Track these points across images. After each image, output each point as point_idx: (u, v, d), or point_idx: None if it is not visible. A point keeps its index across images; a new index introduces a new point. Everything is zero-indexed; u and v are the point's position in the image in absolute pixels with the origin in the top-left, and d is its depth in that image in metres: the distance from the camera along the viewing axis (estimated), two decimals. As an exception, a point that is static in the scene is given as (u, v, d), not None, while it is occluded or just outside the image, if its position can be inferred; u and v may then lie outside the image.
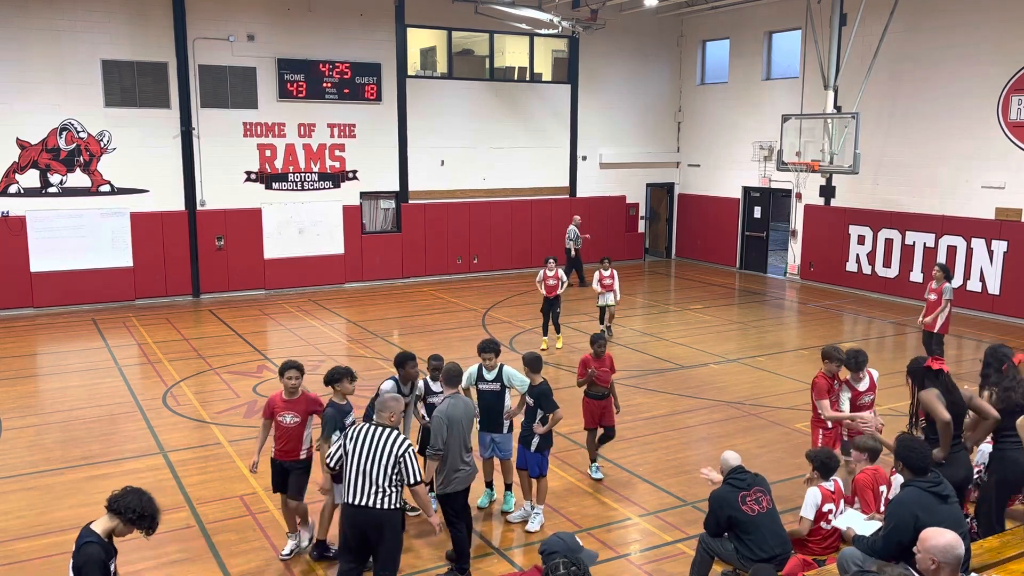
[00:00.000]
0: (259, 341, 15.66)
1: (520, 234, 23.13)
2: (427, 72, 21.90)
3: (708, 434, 10.87)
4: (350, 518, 6.17)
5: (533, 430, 8.01)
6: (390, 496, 6.07)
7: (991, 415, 6.73)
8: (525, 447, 8.09)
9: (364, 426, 6.28)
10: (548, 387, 8.09)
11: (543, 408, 8.00)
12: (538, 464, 8.05)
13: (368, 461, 6.06)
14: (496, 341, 8.24)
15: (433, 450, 7.02)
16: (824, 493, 6.53)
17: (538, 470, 8.06)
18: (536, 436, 7.99)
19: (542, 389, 8.02)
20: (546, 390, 8.03)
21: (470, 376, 8.06)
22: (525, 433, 8.08)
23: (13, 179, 17.35)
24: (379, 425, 6.22)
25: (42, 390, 12.82)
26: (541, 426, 7.99)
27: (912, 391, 6.95)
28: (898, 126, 19.23)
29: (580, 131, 23.77)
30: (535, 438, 8.00)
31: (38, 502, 8.67)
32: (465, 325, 16.68)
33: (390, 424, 6.23)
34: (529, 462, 8.07)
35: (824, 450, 6.87)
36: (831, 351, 8.16)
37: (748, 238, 23.57)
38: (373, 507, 6.05)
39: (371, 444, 6.11)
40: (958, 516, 5.44)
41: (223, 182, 19.25)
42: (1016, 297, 17.25)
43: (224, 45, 18.82)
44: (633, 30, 23.96)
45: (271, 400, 7.62)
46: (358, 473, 6.08)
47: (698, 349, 15.03)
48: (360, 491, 6.07)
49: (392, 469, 6.05)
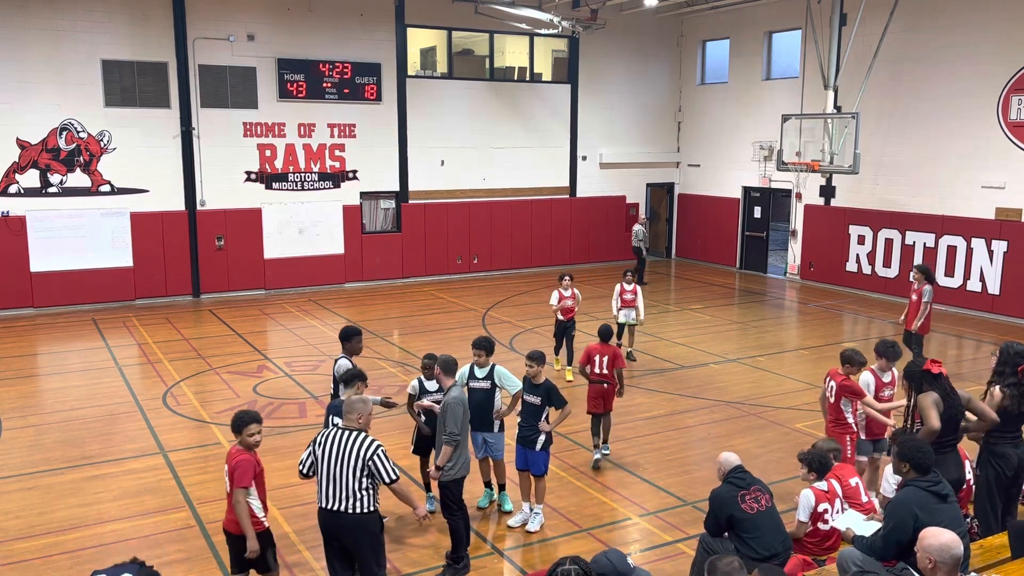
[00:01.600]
0: (259, 341, 15.66)
1: (520, 234, 23.13)
2: (427, 72, 21.91)
3: (708, 434, 10.87)
4: (323, 524, 6.15)
5: (539, 428, 7.97)
6: (362, 500, 6.01)
7: (990, 418, 6.74)
8: (528, 447, 8.01)
9: (332, 430, 6.19)
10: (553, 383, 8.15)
11: (554, 404, 7.99)
12: (545, 463, 8.03)
13: (337, 466, 6.00)
14: (489, 339, 8.13)
15: (451, 436, 7.09)
16: (818, 494, 6.53)
17: (544, 468, 8.03)
18: (542, 434, 7.96)
19: (549, 385, 8.00)
20: (553, 386, 8.05)
21: (462, 375, 7.94)
22: (527, 433, 8.01)
23: (13, 179, 17.35)
24: (347, 429, 6.14)
25: (42, 390, 12.83)
26: (547, 423, 7.99)
27: (909, 393, 6.96)
28: (898, 126, 19.23)
29: (580, 131, 23.77)
30: (541, 436, 7.96)
31: (38, 502, 8.67)
32: (465, 325, 16.67)
33: (357, 427, 6.15)
34: (535, 461, 8.01)
35: (818, 451, 6.84)
36: (853, 355, 8.10)
37: (748, 238, 23.57)
38: (345, 512, 6.00)
39: (339, 448, 6.03)
40: (957, 515, 5.45)
41: (223, 182, 19.25)
42: (1016, 297, 17.25)
43: (224, 45, 18.82)
44: (633, 30, 23.97)
45: (251, 460, 6.14)
46: (328, 479, 6.04)
47: (698, 349, 15.03)
48: (331, 496, 6.03)
49: (362, 472, 5.99)
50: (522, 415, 8.11)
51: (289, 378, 13.13)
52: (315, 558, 7.46)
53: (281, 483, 9.06)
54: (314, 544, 7.49)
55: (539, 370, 8.01)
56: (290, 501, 8.64)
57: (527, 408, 8.05)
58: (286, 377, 13.20)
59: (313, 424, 10.91)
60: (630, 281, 13.51)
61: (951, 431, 6.65)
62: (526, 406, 8.06)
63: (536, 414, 8.00)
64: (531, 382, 8.04)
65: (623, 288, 13.48)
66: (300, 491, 8.75)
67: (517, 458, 8.17)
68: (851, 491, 6.76)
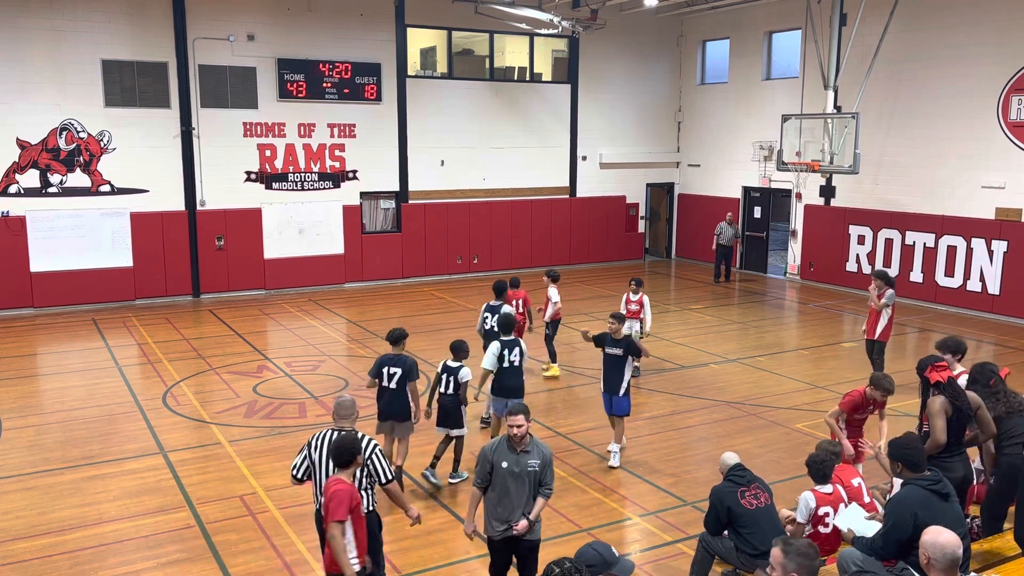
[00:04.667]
0: (259, 341, 15.66)
1: (520, 234, 23.13)
2: (427, 72, 21.91)
3: (708, 434, 10.87)
4: (320, 525, 6.12)
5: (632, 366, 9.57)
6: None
7: (990, 431, 6.84)
8: (613, 393, 9.51)
9: (326, 431, 6.19)
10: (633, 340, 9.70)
11: (632, 354, 9.53)
12: (628, 405, 9.63)
13: (332, 467, 5.97)
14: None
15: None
16: (819, 496, 6.50)
17: (627, 410, 9.62)
18: (625, 380, 9.47)
19: (628, 340, 9.54)
20: (632, 340, 9.62)
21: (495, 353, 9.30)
22: (615, 382, 9.46)
23: (13, 179, 17.35)
24: (341, 430, 6.14)
25: (42, 390, 12.82)
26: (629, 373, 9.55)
27: (921, 390, 7.01)
28: (898, 126, 19.23)
29: (580, 131, 23.77)
30: (624, 383, 9.46)
31: (38, 502, 8.67)
32: (465, 325, 16.64)
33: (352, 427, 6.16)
34: (619, 404, 9.53)
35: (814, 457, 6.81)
36: (882, 380, 7.88)
37: (748, 238, 23.57)
38: None
39: None
40: (958, 515, 5.45)
41: (223, 182, 19.25)
42: (1016, 297, 17.25)
43: (224, 45, 18.83)
44: (633, 30, 23.97)
45: (348, 490, 5.55)
46: (326, 480, 6.01)
47: (698, 349, 15.03)
48: None
49: (360, 472, 5.99)
50: (606, 366, 9.54)
51: (289, 378, 13.13)
52: (315, 559, 7.45)
53: (281, 483, 9.06)
54: (313, 545, 7.49)
55: (619, 327, 9.43)
56: (290, 501, 8.64)
57: (611, 359, 9.49)
58: (286, 377, 13.20)
59: (313, 424, 10.91)
60: (636, 291, 12.86)
61: (958, 439, 6.69)
62: (609, 358, 9.49)
63: (619, 364, 9.45)
64: (612, 338, 9.44)
65: (628, 298, 12.91)
66: (300, 491, 8.74)
67: (605, 404, 9.74)
68: (853, 492, 6.75)
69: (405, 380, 8.53)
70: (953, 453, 6.65)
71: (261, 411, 11.54)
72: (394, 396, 8.59)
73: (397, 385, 8.55)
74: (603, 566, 4.37)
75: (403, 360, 8.61)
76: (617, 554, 4.50)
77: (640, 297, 12.82)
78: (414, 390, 8.56)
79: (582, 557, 4.43)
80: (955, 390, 6.69)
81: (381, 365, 8.63)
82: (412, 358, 8.72)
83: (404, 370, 8.54)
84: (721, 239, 21.94)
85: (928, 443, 6.54)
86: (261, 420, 11.20)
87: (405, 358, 8.64)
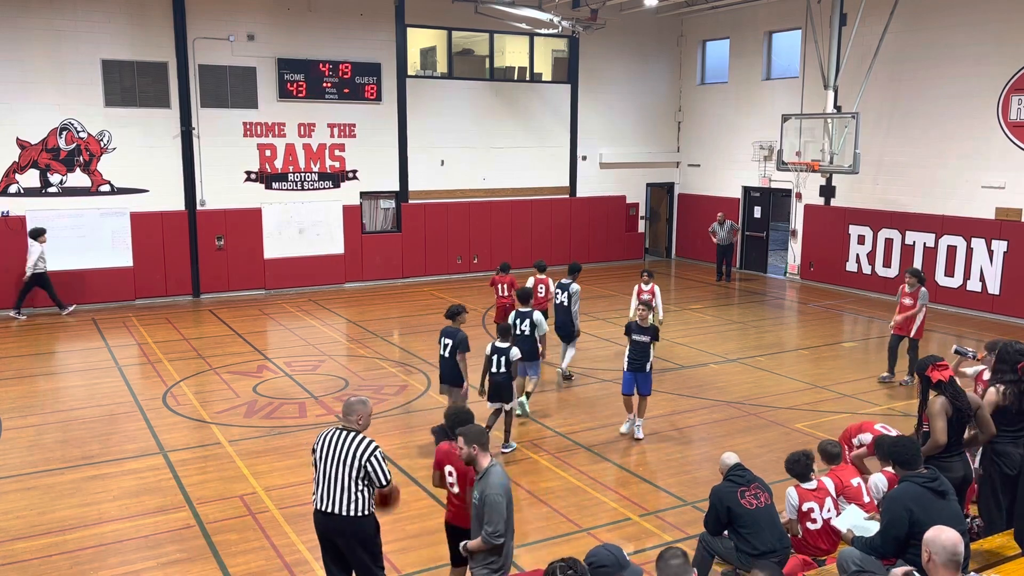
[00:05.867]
0: (259, 341, 15.66)
1: (520, 234, 23.13)
2: (427, 72, 21.91)
3: (708, 434, 10.87)
4: (319, 525, 6.12)
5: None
6: (358, 502, 5.96)
7: (989, 432, 6.78)
8: (638, 371, 10.23)
9: (331, 431, 6.16)
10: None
11: (656, 340, 10.38)
12: (651, 384, 10.50)
13: (333, 466, 5.96)
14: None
15: (492, 536, 5.61)
16: (801, 492, 6.60)
17: (650, 390, 10.49)
18: (650, 361, 10.32)
19: (654, 327, 10.39)
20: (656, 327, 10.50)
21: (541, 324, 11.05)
22: (638, 361, 10.21)
23: (13, 179, 17.35)
24: (345, 429, 6.10)
25: (42, 390, 12.81)
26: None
27: (919, 390, 6.99)
28: (898, 126, 19.23)
29: (580, 131, 23.77)
30: (649, 361, 10.30)
31: (38, 502, 8.67)
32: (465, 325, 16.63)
33: (357, 427, 6.11)
34: (643, 382, 10.32)
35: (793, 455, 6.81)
36: (828, 448, 7.29)
37: (748, 238, 23.58)
38: (339, 514, 5.96)
39: (336, 449, 5.99)
40: (957, 513, 5.43)
41: (223, 182, 19.24)
42: (1016, 297, 17.25)
43: (224, 45, 18.83)
44: (633, 30, 23.97)
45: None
46: (325, 479, 6.00)
47: (698, 349, 15.03)
48: (326, 497, 5.99)
49: (358, 474, 5.95)
50: (632, 351, 10.29)
51: (289, 378, 13.13)
52: (315, 558, 7.45)
53: (281, 483, 9.07)
54: (313, 544, 7.47)
55: (647, 314, 10.30)
56: (290, 501, 8.64)
57: (637, 345, 10.27)
58: (286, 377, 13.20)
59: (313, 424, 10.91)
60: (647, 281, 13.38)
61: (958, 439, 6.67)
62: (636, 344, 10.26)
63: (644, 349, 10.26)
64: (639, 325, 10.26)
65: (640, 290, 13.43)
66: (300, 491, 8.76)
67: (625, 384, 10.39)
68: (853, 492, 6.77)
69: (455, 350, 9.60)
70: (952, 453, 6.64)
71: (261, 411, 11.54)
72: (446, 364, 9.81)
73: (449, 355, 9.71)
74: (616, 567, 4.36)
75: (455, 333, 9.74)
76: (627, 558, 4.47)
77: (652, 287, 13.55)
78: (463, 360, 9.64)
79: (595, 557, 4.42)
80: (955, 390, 6.68)
81: (441, 336, 9.87)
82: (464, 333, 9.77)
83: (455, 342, 9.66)
84: (717, 238, 21.98)
85: (928, 444, 6.54)
86: (261, 420, 11.20)
87: (457, 331, 9.75)
